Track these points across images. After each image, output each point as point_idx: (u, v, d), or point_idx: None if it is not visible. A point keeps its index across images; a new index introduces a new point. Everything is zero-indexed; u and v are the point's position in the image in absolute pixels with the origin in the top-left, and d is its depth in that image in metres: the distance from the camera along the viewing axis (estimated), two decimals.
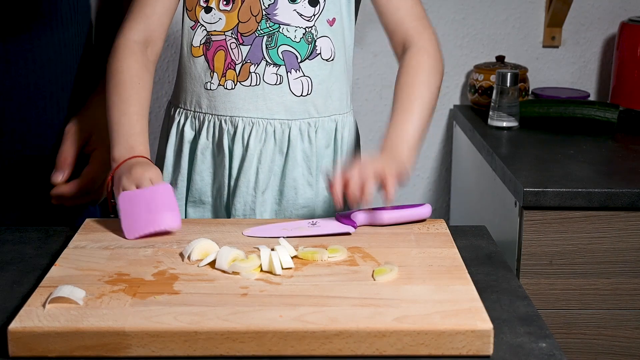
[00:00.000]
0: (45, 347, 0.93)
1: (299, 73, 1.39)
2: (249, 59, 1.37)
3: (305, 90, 1.39)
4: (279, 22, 1.37)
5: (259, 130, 1.39)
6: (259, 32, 1.37)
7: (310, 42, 1.38)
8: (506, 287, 1.11)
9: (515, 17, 2.47)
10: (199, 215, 1.43)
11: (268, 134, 1.39)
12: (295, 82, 1.39)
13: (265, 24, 1.37)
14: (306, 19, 1.37)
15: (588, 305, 1.84)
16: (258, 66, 1.38)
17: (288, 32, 1.37)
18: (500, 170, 1.93)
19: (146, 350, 0.93)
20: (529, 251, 1.81)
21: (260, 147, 1.39)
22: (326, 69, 1.40)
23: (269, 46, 1.37)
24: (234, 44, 1.37)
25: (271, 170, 1.40)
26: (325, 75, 1.40)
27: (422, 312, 0.97)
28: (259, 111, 1.39)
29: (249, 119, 1.39)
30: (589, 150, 2.05)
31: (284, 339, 0.94)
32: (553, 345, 0.96)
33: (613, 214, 1.78)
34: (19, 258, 1.19)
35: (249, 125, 1.39)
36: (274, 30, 1.37)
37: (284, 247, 1.12)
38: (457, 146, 2.45)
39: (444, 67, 1.43)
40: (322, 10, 1.38)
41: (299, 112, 1.39)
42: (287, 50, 1.38)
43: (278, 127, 1.39)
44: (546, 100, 2.29)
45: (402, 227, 1.26)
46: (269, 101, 1.38)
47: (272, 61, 1.38)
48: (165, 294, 1.01)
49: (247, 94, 1.38)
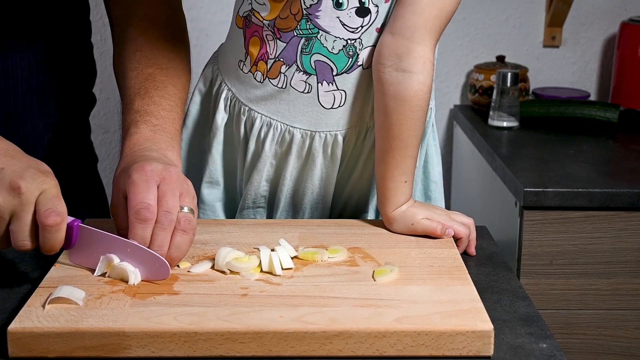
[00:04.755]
0: (44, 347, 0.93)
1: (332, 86, 1.26)
2: (282, 57, 1.26)
3: (337, 103, 1.28)
4: (319, 27, 1.23)
5: (276, 134, 1.30)
6: (298, 32, 1.24)
7: (352, 56, 1.24)
8: (507, 288, 1.11)
9: (515, 17, 2.47)
10: (212, 193, 1.39)
11: (285, 140, 1.30)
12: (326, 95, 1.27)
13: (306, 24, 1.23)
14: (350, 30, 1.23)
15: (588, 305, 1.84)
16: (289, 68, 1.26)
17: (326, 42, 1.24)
18: (501, 170, 1.93)
19: (146, 350, 0.93)
20: (530, 251, 1.81)
21: (276, 148, 1.31)
22: (366, 78, 1.26)
23: (304, 51, 1.25)
24: (270, 36, 1.26)
25: (284, 176, 1.33)
26: (364, 85, 1.27)
27: (422, 313, 0.97)
28: (280, 114, 1.29)
29: (268, 118, 1.30)
30: (590, 150, 2.05)
31: (284, 339, 0.93)
32: (554, 345, 0.96)
33: (613, 214, 1.78)
34: (19, 258, 1.18)
35: (266, 125, 1.30)
36: (313, 34, 1.24)
37: (284, 247, 1.12)
38: (457, 146, 2.44)
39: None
40: (372, 22, 1.23)
41: (326, 124, 1.29)
42: (322, 60, 1.25)
43: (297, 136, 1.29)
44: (546, 100, 2.29)
45: None
46: (293, 107, 1.28)
47: (303, 68, 1.25)
48: (165, 295, 1.01)
49: (273, 92, 1.28)
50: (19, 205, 1.00)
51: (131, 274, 1.03)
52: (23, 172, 1.01)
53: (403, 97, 1.20)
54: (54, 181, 1.03)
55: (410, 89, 1.20)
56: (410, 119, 1.21)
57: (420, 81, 1.20)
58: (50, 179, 1.02)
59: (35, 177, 1.01)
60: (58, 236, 1.01)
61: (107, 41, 2.16)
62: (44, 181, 1.01)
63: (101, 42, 2.20)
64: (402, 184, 1.23)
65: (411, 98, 1.20)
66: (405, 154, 1.22)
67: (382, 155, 1.24)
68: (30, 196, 1.00)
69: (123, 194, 1.09)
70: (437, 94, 2.50)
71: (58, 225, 1.01)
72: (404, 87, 1.20)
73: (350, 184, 1.37)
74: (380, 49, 1.22)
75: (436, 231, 1.20)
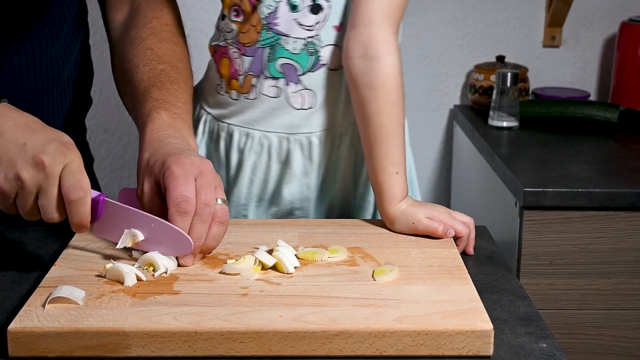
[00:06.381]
0: (44, 347, 0.93)
1: (299, 86, 1.33)
2: (251, 70, 1.34)
3: (307, 104, 1.34)
4: (279, 33, 1.31)
5: (254, 141, 1.36)
6: (261, 43, 1.32)
7: (313, 54, 1.31)
8: (506, 287, 1.11)
9: (515, 17, 2.47)
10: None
11: (264, 147, 1.36)
12: (295, 96, 1.33)
13: (266, 34, 1.32)
14: (307, 29, 1.30)
15: (588, 305, 1.84)
16: (259, 78, 1.34)
17: (287, 44, 1.31)
18: (501, 170, 1.93)
19: (146, 350, 0.93)
20: (529, 251, 1.81)
21: (254, 158, 1.37)
22: (334, 79, 1.33)
23: (270, 58, 1.32)
24: (237, 54, 1.34)
25: (266, 180, 1.38)
26: (333, 86, 1.34)
27: (422, 313, 0.97)
28: (256, 123, 1.36)
29: (246, 129, 1.36)
30: (590, 150, 2.05)
31: (284, 339, 0.93)
32: (553, 345, 0.96)
33: (613, 214, 1.78)
34: (19, 258, 1.18)
35: (245, 135, 1.36)
36: (275, 41, 1.31)
37: (284, 247, 1.12)
38: (457, 146, 2.44)
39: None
40: (327, 17, 1.31)
41: (300, 126, 1.35)
42: (287, 63, 1.32)
43: (275, 141, 1.35)
44: (546, 100, 2.29)
45: None
46: (267, 114, 1.35)
47: (271, 74, 1.33)
48: (165, 294, 1.01)
49: (247, 104, 1.35)
50: (44, 179, 1.02)
51: (127, 275, 1.03)
52: (45, 146, 1.03)
53: (376, 84, 1.23)
54: (76, 153, 1.04)
55: (381, 73, 1.23)
56: (386, 104, 1.24)
57: (389, 63, 1.23)
58: (72, 152, 1.04)
59: (57, 150, 1.03)
60: (84, 210, 1.04)
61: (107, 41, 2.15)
62: (66, 154, 1.03)
63: (101, 42, 2.20)
64: (393, 176, 1.24)
65: (383, 82, 1.23)
66: (390, 142, 1.24)
67: (369, 149, 1.26)
68: (54, 170, 1.02)
69: (156, 181, 1.11)
70: (437, 94, 2.51)
71: (82, 199, 1.03)
72: (374, 73, 1.23)
73: (332, 191, 1.39)
74: (346, 44, 1.26)
75: (437, 231, 1.20)
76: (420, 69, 2.48)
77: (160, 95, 1.24)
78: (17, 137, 1.03)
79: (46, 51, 1.34)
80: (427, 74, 2.49)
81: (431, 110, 2.51)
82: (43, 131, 1.05)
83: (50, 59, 1.35)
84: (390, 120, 1.24)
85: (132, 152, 2.51)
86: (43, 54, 1.34)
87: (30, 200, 1.03)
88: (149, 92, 1.25)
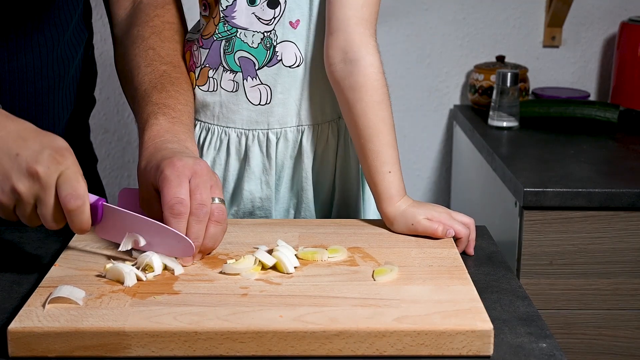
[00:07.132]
0: (45, 347, 0.93)
1: (256, 81, 1.32)
2: (207, 63, 1.33)
3: (264, 100, 1.33)
4: (237, 26, 1.30)
5: (213, 137, 1.36)
6: (217, 36, 1.32)
7: (269, 48, 1.31)
8: (506, 287, 1.11)
9: (515, 17, 2.47)
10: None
11: (222, 142, 1.35)
12: (253, 90, 1.32)
13: (224, 27, 1.31)
14: (265, 23, 1.30)
15: (588, 305, 1.84)
16: (216, 71, 1.33)
17: (245, 37, 1.30)
18: (501, 170, 1.93)
19: (146, 350, 0.93)
20: (529, 251, 1.81)
21: (213, 154, 1.36)
22: (290, 76, 1.32)
23: (226, 51, 1.31)
24: (195, 47, 1.34)
25: (225, 178, 1.37)
26: (289, 83, 1.33)
27: (422, 313, 0.97)
28: (216, 118, 1.35)
29: (205, 124, 1.36)
30: (590, 150, 2.05)
31: (284, 339, 0.93)
32: (553, 345, 0.96)
33: (613, 214, 1.78)
34: (19, 258, 1.18)
35: (205, 130, 1.36)
36: (232, 34, 1.31)
37: (284, 247, 1.12)
38: (457, 146, 2.45)
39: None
40: (282, 12, 1.30)
41: (258, 122, 1.34)
42: (244, 56, 1.31)
43: (234, 136, 1.35)
44: (546, 100, 2.29)
45: None
46: (225, 109, 1.34)
47: (229, 67, 1.32)
48: (165, 294, 1.01)
49: (206, 98, 1.34)
50: (41, 190, 1.01)
51: (127, 275, 1.03)
52: (38, 155, 1.02)
53: (359, 85, 1.25)
54: (71, 159, 1.03)
55: (362, 75, 1.25)
56: (371, 103, 1.25)
57: (369, 64, 1.25)
58: (66, 158, 1.03)
59: (51, 159, 1.02)
60: (83, 217, 1.03)
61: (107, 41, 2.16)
62: (60, 162, 1.02)
63: (101, 42, 2.20)
64: (387, 175, 1.24)
65: (365, 82, 1.25)
66: (380, 141, 1.25)
67: (361, 151, 1.27)
68: (49, 180, 1.01)
69: (154, 187, 1.11)
70: (437, 94, 2.51)
71: (80, 207, 1.02)
72: (356, 75, 1.25)
73: (295, 190, 1.39)
74: (326, 51, 1.28)
75: (437, 232, 1.20)
76: (420, 69, 2.48)
77: (160, 99, 1.25)
78: (9, 147, 1.02)
79: (52, 51, 1.34)
80: (427, 74, 2.49)
81: (431, 110, 2.51)
82: (36, 139, 1.03)
83: (56, 59, 1.35)
84: (378, 119, 1.25)
85: (132, 152, 2.51)
86: (49, 54, 1.34)
87: (29, 210, 1.03)
88: (149, 95, 1.25)
